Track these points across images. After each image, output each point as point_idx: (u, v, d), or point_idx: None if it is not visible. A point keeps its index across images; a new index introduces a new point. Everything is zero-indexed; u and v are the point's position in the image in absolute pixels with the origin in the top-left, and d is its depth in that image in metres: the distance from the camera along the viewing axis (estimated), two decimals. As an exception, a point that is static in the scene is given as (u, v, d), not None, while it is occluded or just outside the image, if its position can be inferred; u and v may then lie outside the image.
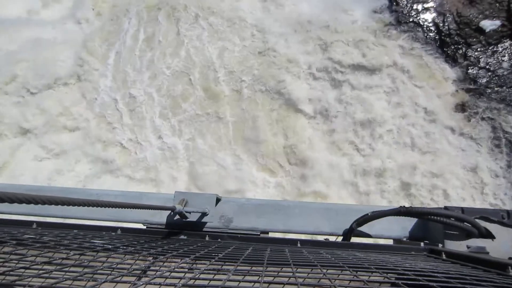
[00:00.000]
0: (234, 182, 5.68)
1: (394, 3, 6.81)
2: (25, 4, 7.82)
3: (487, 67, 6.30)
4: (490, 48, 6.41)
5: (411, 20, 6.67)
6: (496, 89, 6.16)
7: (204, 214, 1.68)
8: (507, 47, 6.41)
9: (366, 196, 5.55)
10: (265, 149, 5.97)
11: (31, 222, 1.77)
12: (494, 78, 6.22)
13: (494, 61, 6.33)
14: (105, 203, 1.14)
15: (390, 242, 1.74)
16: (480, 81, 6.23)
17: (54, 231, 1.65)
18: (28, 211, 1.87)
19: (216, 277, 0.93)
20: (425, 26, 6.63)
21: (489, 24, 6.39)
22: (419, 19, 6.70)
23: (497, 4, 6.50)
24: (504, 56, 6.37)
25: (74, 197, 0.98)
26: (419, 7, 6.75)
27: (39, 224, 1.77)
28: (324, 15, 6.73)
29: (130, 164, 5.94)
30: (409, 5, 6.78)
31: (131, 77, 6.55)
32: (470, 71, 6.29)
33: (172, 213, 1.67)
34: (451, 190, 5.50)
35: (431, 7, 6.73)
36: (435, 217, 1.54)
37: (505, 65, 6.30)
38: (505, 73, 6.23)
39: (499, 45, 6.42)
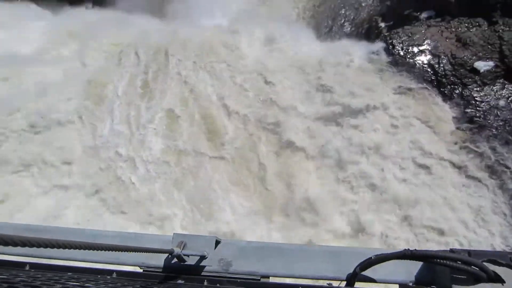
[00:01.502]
0: (233, 223, 5.60)
1: (390, 46, 7.05)
2: (32, 44, 8.16)
3: (484, 106, 6.40)
4: (485, 88, 6.54)
5: (407, 61, 6.87)
6: (495, 127, 6.21)
7: (202, 257, 1.64)
8: (502, 87, 6.54)
9: (368, 237, 5.44)
10: (265, 190, 5.94)
11: (24, 264, 1.72)
12: (491, 117, 6.30)
13: (491, 100, 6.44)
14: (101, 246, 1.11)
15: (395, 287, 1.67)
16: (478, 120, 6.30)
17: (47, 274, 1.60)
18: (23, 252, 1.83)
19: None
20: (421, 67, 6.81)
21: (483, 65, 6.57)
22: (415, 60, 6.90)
23: (489, 46, 6.72)
24: (500, 95, 6.49)
25: (70, 237, 0.95)
26: (415, 49, 6.97)
27: (32, 265, 1.72)
28: (323, 58, 6.97)
29: (129, 202, 5.90)
30: (404, 47, 7.01)
31: (132, 117, 6.66)
32: (468, 110, 6.38)
33: (170, 256, 1.63)
34: (457, 232, 5.39)
35: (426, 49, 6.96)
36: (441, 261, 1.49)
37: (501, 103, 6.40)
38: (502, 112, 6.31)
39: (494, 85, 6.56)
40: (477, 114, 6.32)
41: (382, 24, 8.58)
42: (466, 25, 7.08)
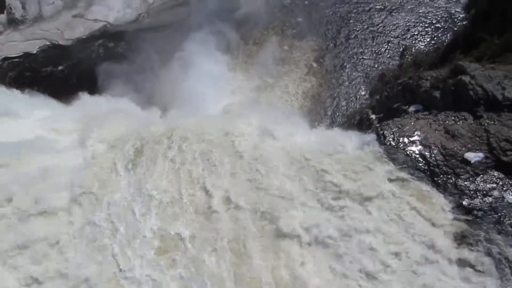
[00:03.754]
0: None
1: (382, 137, 7.35)
2: (32, 131, 8.55)
3: (479, 196, 6.44)
4: (478, 178, 6.65)
5: (399, 152, 7.09)
6: (491, 217, 6.17)
7: None
8: (495, 177, 6.65)
9: None
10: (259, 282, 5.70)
11: None
12: (486, 207, 6.30)
13: (484, 191, 6.49)
14: None
15: None
16: (474, 210, 6.30)
17: None
18: None
19: None
20: (413, 157, 7.01)
21: (473, 156, 6.76)
22: (407, 150, 7.12)
23: (477, 138, 6.99)
24: (493, 185, 6.56)
25: None
26: (405, 140, 7.25)
27: None
28: (317, 147, 7.25)
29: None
30: (396, 138, 7.30)
31: (124, 209, 6.66)
32: (463, 200, 6.41)
33: None
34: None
35: (416, 140, 7.23)
36: None
37: (495, 193, 6.45)
38: (497, 201, 6.34)
39: (486, 175, 6.67)
40: (472, 204, 6.34)
41: (373, 116, 9.06)
42: (453, 118, 7.45)
